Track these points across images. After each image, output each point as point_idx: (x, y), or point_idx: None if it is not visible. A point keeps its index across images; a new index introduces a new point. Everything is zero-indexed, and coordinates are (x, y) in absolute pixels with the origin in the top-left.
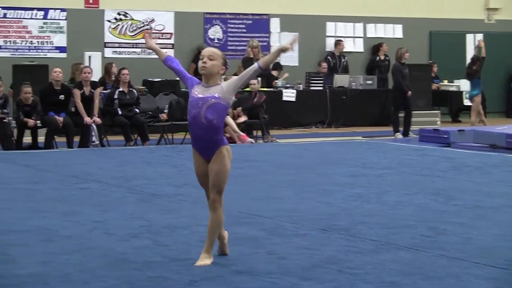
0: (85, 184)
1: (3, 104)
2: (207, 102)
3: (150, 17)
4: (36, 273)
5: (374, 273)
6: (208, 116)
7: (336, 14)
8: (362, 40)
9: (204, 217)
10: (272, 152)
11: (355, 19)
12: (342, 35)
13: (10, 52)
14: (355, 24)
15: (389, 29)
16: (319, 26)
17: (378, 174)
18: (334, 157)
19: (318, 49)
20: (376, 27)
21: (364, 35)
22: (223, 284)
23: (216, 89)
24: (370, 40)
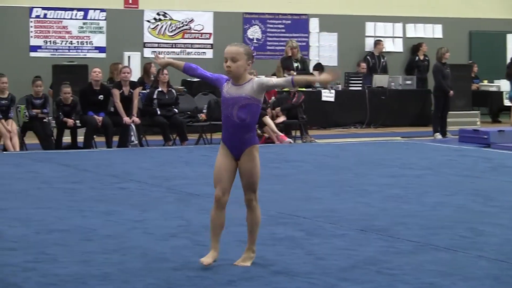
0: (124, 184)
1: (43, 104)
2: (239, 103)
3: (189, 17)
4: (76, 272)
5: (412, 274)
6: (241, 115)
7: (376, 14)
8: (402, 40)
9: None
10: (311, 152)
11: (394, 19)
12: (382, 35)
13: (50, 52)
14: (394, 24)
15: (429, 29)
16: (358, 26)
17: (417, 174)
18: (372, 157)
19: (357, 49)
20: (415, 27)
21: (403, 35)
22: (261, 284)
23: (247, 88)
24: (409, 40)
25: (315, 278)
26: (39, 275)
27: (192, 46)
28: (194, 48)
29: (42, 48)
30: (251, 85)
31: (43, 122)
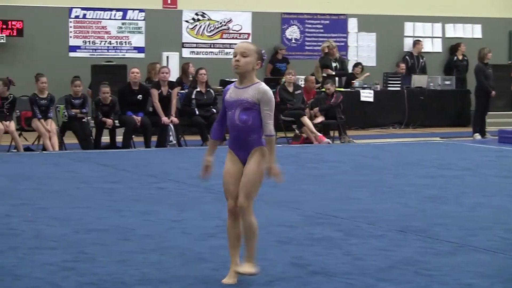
0: (163, 184)
1: (82, 104)
2: (241, 105)
3: (228, 17)
4: (114, 272)
5: (451, 275)
6: (242, 117)
7: (415, 14)
8: (441, 40)
9: (280, 217)
10: (349, 153)
11: (433, 19)
12: (421, 35)
13: (89, 52)
14: (433, 24)
15: (468, 29)
16: (397, 26)
17: (456, 175)
18: (411, 158)
19: (396, 49)
20: (455, 27)
21: (442, 35)
22: (299, 285)
23: (250, 92)
24: (448, 40)
25: (353, 279)
26: (77, 275)
27: (231, 46)
28: (232, 49)
29: (81, 48)
30: (255, 90)
31: (82, 122)
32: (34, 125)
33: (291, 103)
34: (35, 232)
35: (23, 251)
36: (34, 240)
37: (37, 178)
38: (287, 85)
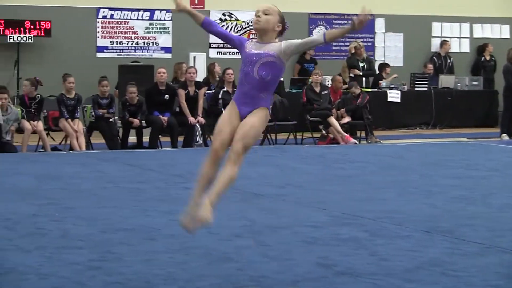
0: (189, 184)
1: (109, 104)
2: (262, 59)
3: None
4: (139, 271)
5: (478, 276)
6: (262, 72)
7: (442, 14)
8: (468, 40)
9: (307, 217)
10: (376, 153)
11: (461, 19)
12: (448, 36)
13: (116, 52)
14: (461, 25)
15: (496, 29)
16: (424, 26)
17: (483, 176)
18: (438, 158)
19: (423, 49)
20: (482, 27)
21: (470, 36)
22: (325, 285)
23: (273, 46)
24: (476, 40)
25: (379, 279)
26: (104, 274)
27: None
28: None
29: (109, 48)
30: (278, 44)
31: (109, 122)
32: (62, 125)
33: (317, 104)
34: (62, 231)
35: (50, 251)
36: (61, 239)
37: (64, 178)
38: (314, 85)
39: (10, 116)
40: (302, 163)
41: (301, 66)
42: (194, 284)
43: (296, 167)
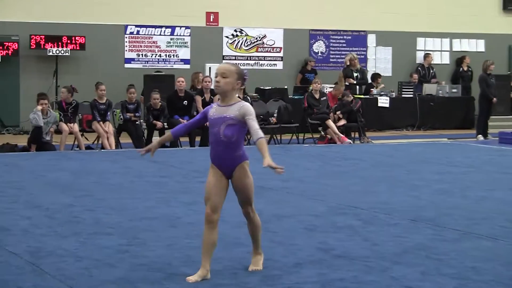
0: (205, 178)
1: (135, 109)
2: (225, 122)
3: (263, 33)
4: (162, 255)
5: (457, 259)
6: (227, 133)
7: (425, 30)
8: (449, 53)
9: (308, 207)
10: (368, 152)
11: (442, 35)
12: (431, 49)
13: (141, 64)
14: (442, 39)
15: (473, 44)
16: (410, 41)
17: (462, 171)
18: (422, 156)
19: (409, 61)
20: (461, 42)
21: (450, 49)
22: (324, 267)
23: (233, 110)
24: (455, 53)
25: (372, 262)
26: (131, 257)
27: (265, 58)
28: (266, 60)
29: (135, 60)
30: (238, 107)
31: (136, 124)
32: (94, 127)
33: (317, 108)
34: (94, 219)
35: (84, 236)
36: (94, 226)
37: (97, 173)
38: (314, 92)
39: (50, 119)
40: (304, 160)
41: (302, 76)
42: (210, 266)
43: (298, 164)
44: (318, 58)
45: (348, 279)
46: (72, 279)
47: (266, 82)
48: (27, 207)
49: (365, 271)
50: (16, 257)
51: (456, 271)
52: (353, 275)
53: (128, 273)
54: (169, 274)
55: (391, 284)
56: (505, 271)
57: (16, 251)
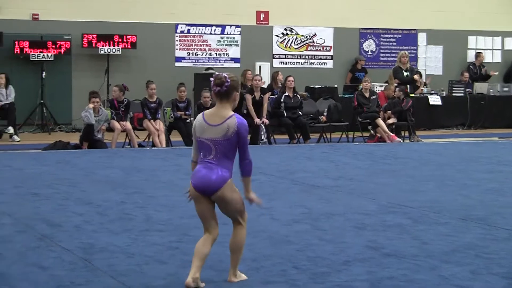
0: (255, 176)
1: (186, 107)
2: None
3: (313, 32)
4: (214, 252)
5: (507, 258)
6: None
7: (477, 29)
8: (500, 52)
9: (358, 206)
10: (418, 150)
11: (494, 34)
12: (482, 48)
13: (192, 62)
14: (493, 38)
15: None
16: (461, 39)
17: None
18: (472, 155)
19: (460, 60)
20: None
21: (502, 48)
22: (373, 265)
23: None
24: (507, 52)
25: (421, 260)
26: (181, 253)
27: (315, 57)
28: (316, 59)
29: (186, 59)
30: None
31: (186, 122)
32: (145, 125)
33: (367, 107)
34: (145, 216)
35: (136, 233)
36: (145, 223)
37: (148, 170)
38: (364, 91)
39: (101, 117)
40: (353, 159)
41: (352, 74)
42: (259, 263)
43: (348, 162)
44: (368, 57)
45: (397, 277)
46: (124, 275)
47: (316, 81)
48: (79, 204)
49: (414, 270)
50: (68, 253)
51: (507, 270)
52: (402, 274)
53: (179, 269)
54: (219, 271)
55: (441, 283)
56: None
57: (69, 247)
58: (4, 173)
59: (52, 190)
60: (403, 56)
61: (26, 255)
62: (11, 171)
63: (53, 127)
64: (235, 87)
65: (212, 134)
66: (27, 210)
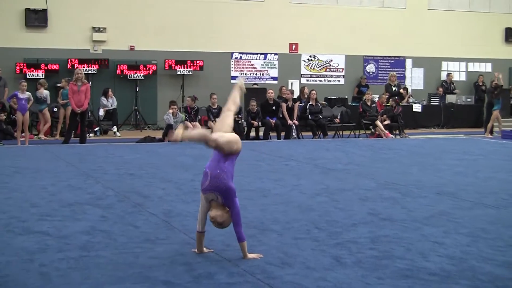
0: (288, 162)
1: (238, 112)
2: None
3: (330, 58)
4: (257, 216)
5: (470, 222)
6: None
7: (448, 56)
8: (465, 73)
9: (362, 184)
10: (406, 144)
11: (460, 59)
12: (452, 70)
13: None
14: (460, 63)
15: (482, 66)
16: (437, 64)
17: (474, 159)
18: (445, 147)
19: (436, 78)
20: (473, 65)
21: (466, 70)
22: (373, 226)
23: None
24: (470, 73)
25: (408, 223)
26: None
27: (331, 76)
28: (332, 78)
29: (238, 77)
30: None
31: (238, 123)
32: (209, 125)
33: (369, 112)
34: None
35: None
36: None
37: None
38: (367, 101)
39: (178, 119)
40: (359, 149)
41: (358, 89)
42: (291, 225)
43: (355, 152)
44: (370, 76)
45: (390, 235)
46: (193, 232)
47: (332, 93)
48: (162, 181)
49: (402, 230)
50: (154, 217)
51: (469, 231)
52: (394, 233)
53: (233, 228)
54: (261, 230)
55: (421, 239)
56: (506, 232)
57: (154, 212)
58: (110, 159)
59: (143, 171)
60: (392, 76)
61: (124, 217)
62: (114, 157)
63: (143, 126)
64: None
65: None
66: (125, 185)
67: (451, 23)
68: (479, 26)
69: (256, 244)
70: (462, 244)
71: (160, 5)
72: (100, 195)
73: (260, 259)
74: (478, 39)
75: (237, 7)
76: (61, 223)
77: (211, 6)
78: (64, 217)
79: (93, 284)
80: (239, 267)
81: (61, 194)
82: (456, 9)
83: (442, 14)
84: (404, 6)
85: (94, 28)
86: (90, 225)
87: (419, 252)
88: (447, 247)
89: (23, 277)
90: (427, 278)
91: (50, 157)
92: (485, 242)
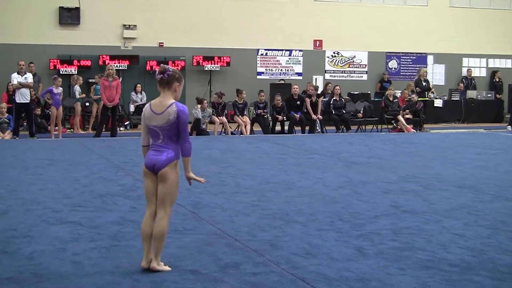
0: (312, 155)
1: (264, 107)
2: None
3: (353, 54)
4: (282, 208)
5: (490, 214)
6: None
7: (469, 52)
8: (485, 69)
9: (384, 177)
10: (427, 138)
11: (480, 56)
12: (472, 65)
13: (268, 75)
14: (480, 59)
15: (503, 62)
16: (458, 60)
17: (494, 153)
18: (466, 141)
19: (457, 74)
20: (494, 61)
21: (486, 66)
22: (395, 218)
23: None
24: (490, 69)
25: (429, 215)
26: (260, 209)
27: (354, 72)
28: (356, 74)
29: (264, 73)
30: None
31: (264, 118)
32: (235, 119)
33: (391, 107)
34: (235, 183)
35: (228, 195)
36: (235, 187)
37: (237, 151)
38: (389, 96)
39: (205, 114)
40: (381, 143)
41: (380, 84)
42: (315, 216)
43: (377, 146)
44: (392, 72)
45: (412, 227)
46: (220, 224)
47: (355, 89)
48: None
49: (424, 222)
50: (182, 208)
51: (489, 223)
52: (415, 225)
53: (258, 220)
54: (286, 221)
55: (442, 231)
56: None
57: (182, 203)
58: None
59: None
60: (424, 71)
61: None
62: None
63: None
64: (176, 78)
65: (158, 122)
66: None
67: (472, 20)
68: (499, 23)
69: (281, 235)
70: (482, 236)
71: (188, 3)
72: (131, 186)
73: (284, 250)
74: (499, 35)
75: (263, 5)
76: (92, 213)
77: (238, 4)
78: (95, 208)
79: (123, 273)
80: (264, 257)
81: (93, 186)
82: (477, 7)
83: (463, 11)
84: (426, 3)
85: (124, 25)
86: (121, 216)
87: (440, 243)
88: (468, 239)
89: (56, 265)
90: (447, 269)
91: (82, 150)
92: (505, 234)
